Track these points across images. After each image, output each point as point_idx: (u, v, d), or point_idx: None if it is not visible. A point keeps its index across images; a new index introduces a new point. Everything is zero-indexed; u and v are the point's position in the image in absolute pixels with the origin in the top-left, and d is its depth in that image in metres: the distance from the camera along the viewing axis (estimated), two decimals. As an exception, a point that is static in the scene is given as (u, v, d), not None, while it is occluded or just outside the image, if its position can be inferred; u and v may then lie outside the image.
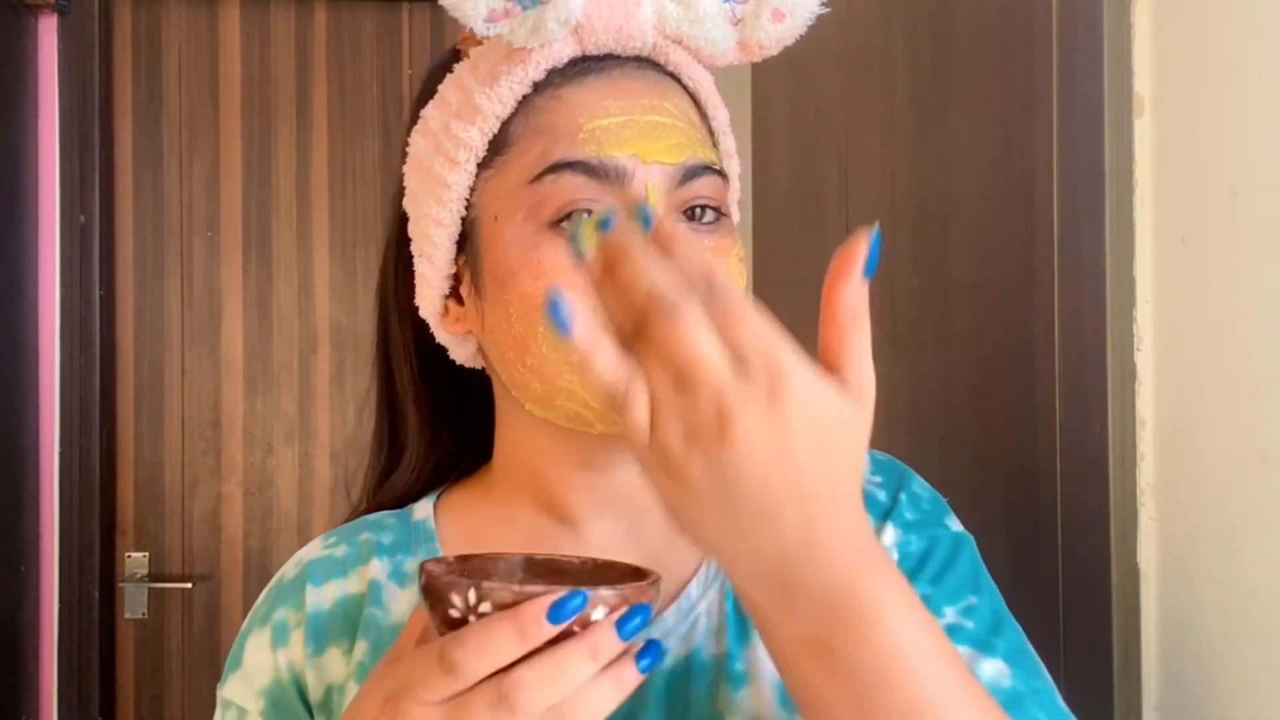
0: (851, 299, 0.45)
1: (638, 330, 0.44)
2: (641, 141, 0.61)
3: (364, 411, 0.76)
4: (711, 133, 0.68)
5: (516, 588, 0.47)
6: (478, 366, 0.71)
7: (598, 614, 0.47)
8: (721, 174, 0.64)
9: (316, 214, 2.42)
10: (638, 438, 0.44)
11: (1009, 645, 0.62)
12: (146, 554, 2.38)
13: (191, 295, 2.40)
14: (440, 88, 0.68)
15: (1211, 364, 0.83)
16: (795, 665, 0.48)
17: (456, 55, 0.71)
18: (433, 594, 0.49)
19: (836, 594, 0.45)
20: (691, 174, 0.62)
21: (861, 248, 0.45)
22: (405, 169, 0.69)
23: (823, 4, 0.64)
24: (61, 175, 2.29)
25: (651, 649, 0.49)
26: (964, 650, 0.61)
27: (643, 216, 0.47)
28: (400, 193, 0.71)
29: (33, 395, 2.26)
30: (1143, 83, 0.91)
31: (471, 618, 0.48)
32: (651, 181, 0.61)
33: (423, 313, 0.69)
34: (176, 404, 2.39)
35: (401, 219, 0.71)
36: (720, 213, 0.64)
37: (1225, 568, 0.82)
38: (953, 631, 0.62)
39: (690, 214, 0.63)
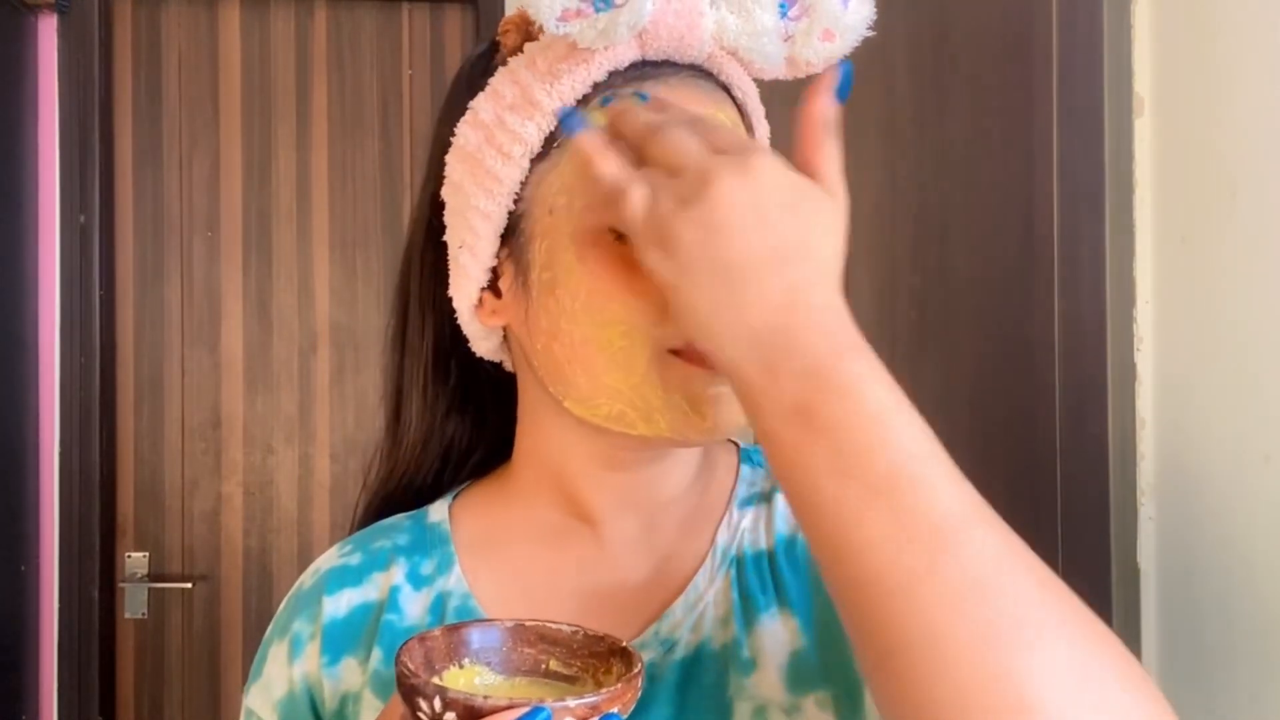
0: (825, 111, 0.54)
1: (639, 158, 0.55)
2: None
3: (364, 411, 0.76)
4: None
5: (480, 699, 0.47)
6: (498, 360, 0.71)
7: None
8: None
9: (316, 214, 2.42)
10: (638, 218, 0.52)
11: None
12: (146, 554, 2.38)
13: (191, 295, 2.40)
14: (492, 81, 0.66)
15: (1211, 364, 0.83)
16: (782, 437, 0.50)
17: (494, 47, 0.69)
18: (402, 690, 0.49)
19: (822, 360, 0.49)
20: None
21: (835, 73, 0.55)
22: (449, 158, 0.67)
23: (869, 28, 0.64)
24: (61, 175, 2.29)
25: None
26: None
27: (639, 96, 0.59)
28: (434, 181, 0.70)
29: (33, 395, 2.26)
30: (1143, 83, 0.91)
31: None
32: None
33: (456, 303, 0.69)
34: (176, 404, 2.39)
35: (435, 207, 0.70)
36: None
37: (1225, 568, 0.82)
38: None
39: None
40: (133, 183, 2.39)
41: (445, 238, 0.68)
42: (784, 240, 0.50)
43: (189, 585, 2.37)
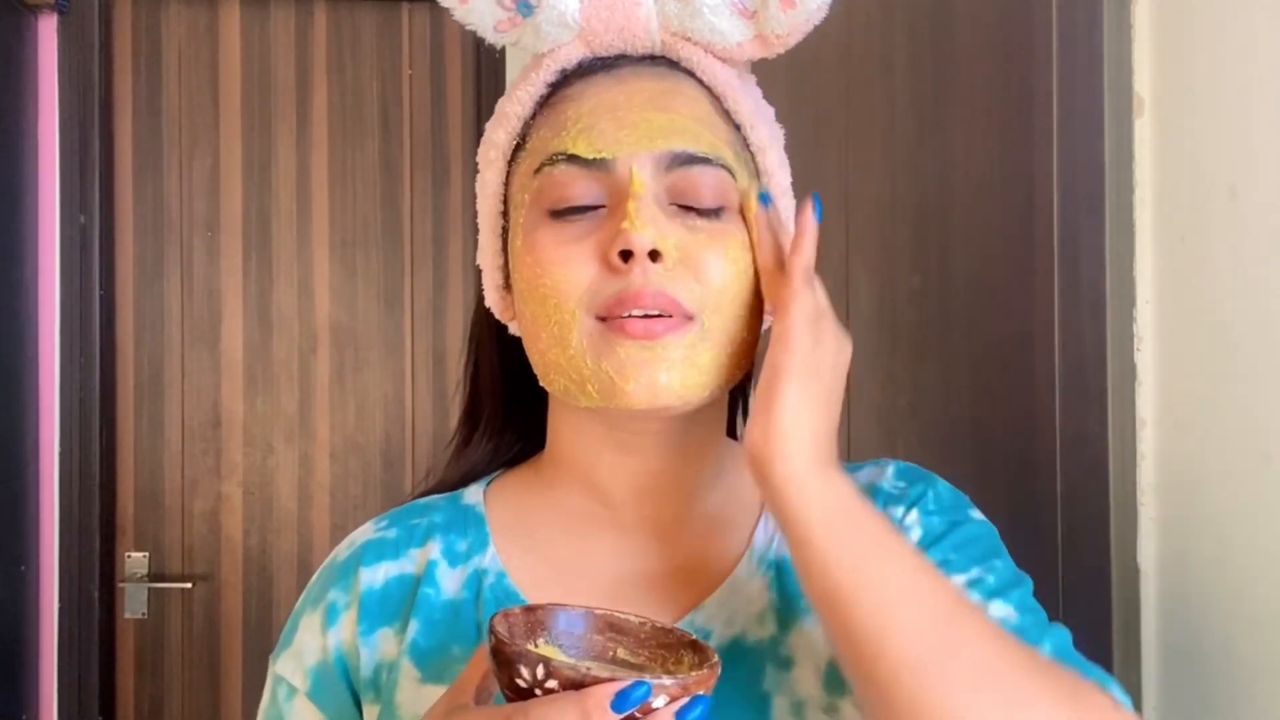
0: (812, 226, 0.64)
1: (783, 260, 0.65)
2: (630, 130, 0.64)
3: (364, 411, 0.79)
4: (737, 127, 0.69)
5: (584, 669, 0.50)
6: None
7: (659, 702, 0.49)
8: (725, 168, 0.65)
9: (316, 214, 2.42)
10: (810, 300, 0.62)
11: (1023, 601, 0.67)
12: (146, 554, 2.38)
13: (191, 295, 2.40)
14: None
15: (1211, 364, 0.83)
16: (829, 526, 0.58)
17: None
18: (500, 658, 0.51)
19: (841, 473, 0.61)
20: (678, 162, 0.64)
21: (812, 202, 0.65)
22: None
23: None
24: (61, 175, 2.28)
25: None
26: (978, 597, 0.66)
27: (762, 197, 0.66)
28: None
29: (33, 395, 2.26)
30: (1143, 83, 0.91)
31: (538, 690, 0.50)
32: (636, 168, 0.63)
33: (488, 302, 0.73)
34: (176, 404, 2.39)
35: None
36: (722, 207, 0.65)
37: (1225, 567, 0.82)
38: (975, 583, 0.66)
39: (688, 205, 0.65)
40: (133, 183, 2.39)
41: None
42: (842, 387, 0.63)
43: (189, 585, 2.37)
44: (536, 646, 0.56)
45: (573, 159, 0.64)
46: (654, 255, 0.62)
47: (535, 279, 0.64)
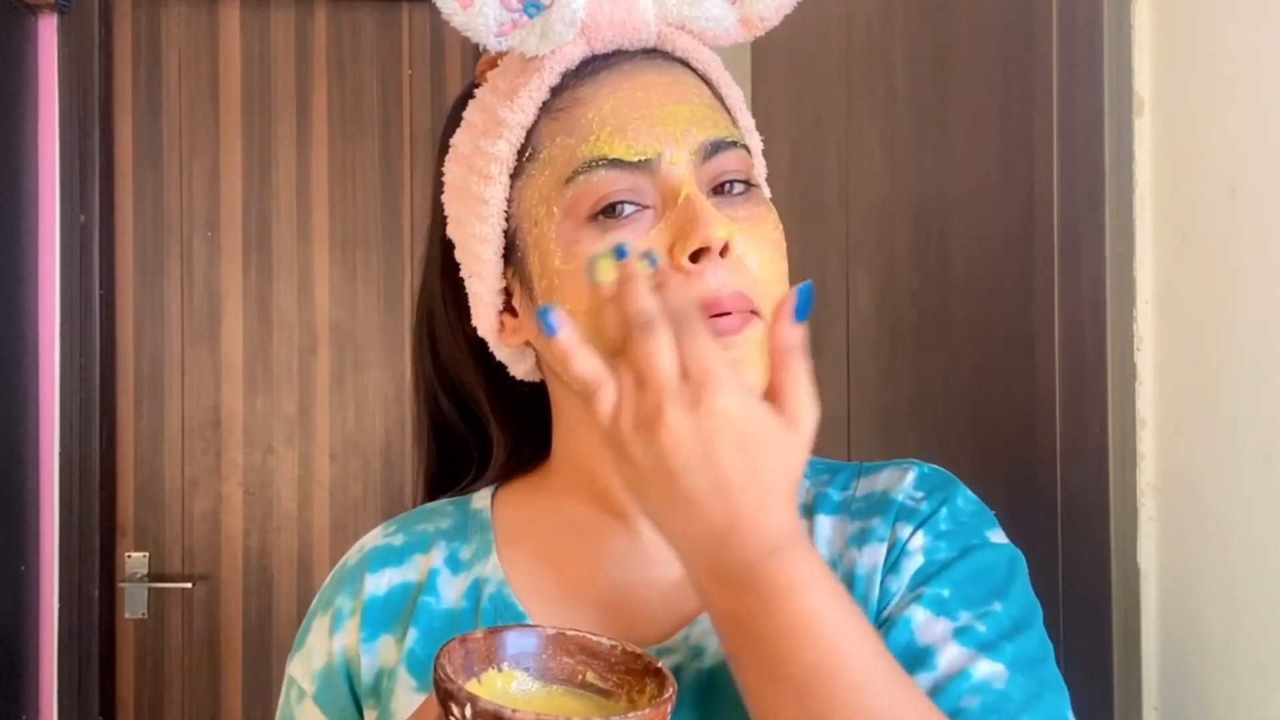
0: (785, 338, 0.55)
1: (625, 343, 0.55)
2: (661, 126, 0.63)
3: (364, 411, 0.78)
4: (728, 110, 0.69)
5: (509, 712, 0.48)
6: (536, 379, 0.73)
7: None
8: (745, 148, 0.66)
9: (316, 214, 2.42)
10: (602, 422, 0.55)
11: (1020, 653, 0.62)
12: (146, 554, 2.38)
13: (191, 295, 2.40)
14: (464, 114, 0.70)
15: (1211, 364, 0.83)
16: (723, 635, 0.56)
17: (474, 90, 0.73)
18: (438, 693, 0.50)
19: (751, 575, 0.53)
20: (713, 150, 0.64)
21: (791, 298, 0.56)
22: (444, 198, 0.71)
23: None
24: (61, 175, 2.29)
25: None
26: (965, 650, 0.61)
27: (649, 259, 0.58)
28: (439, 223, 0.73)
29: (33, 395, 2.26)
30: (1143, 83, 0.90)
31: None
32: (678, 161, 0.63)
33: (481, 332, 0.71)
34: (176, 404, 2.39)
35: (445, 248, 0.73)
36: (749, 184, 0.66)
37: (1225, 567, 0.82)
38: (962, 633, 0.62)
39: (720, 189, 0.65)
40: (133, 183, 2.39)
41: (460, 274, 0.71)
42: (728, 475, 0.52)
43: (189, 585, 2.37)
44: (500, 671, 0.54)
45: (614, 163, 0.62)
46: (723, 250, 0.60)
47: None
